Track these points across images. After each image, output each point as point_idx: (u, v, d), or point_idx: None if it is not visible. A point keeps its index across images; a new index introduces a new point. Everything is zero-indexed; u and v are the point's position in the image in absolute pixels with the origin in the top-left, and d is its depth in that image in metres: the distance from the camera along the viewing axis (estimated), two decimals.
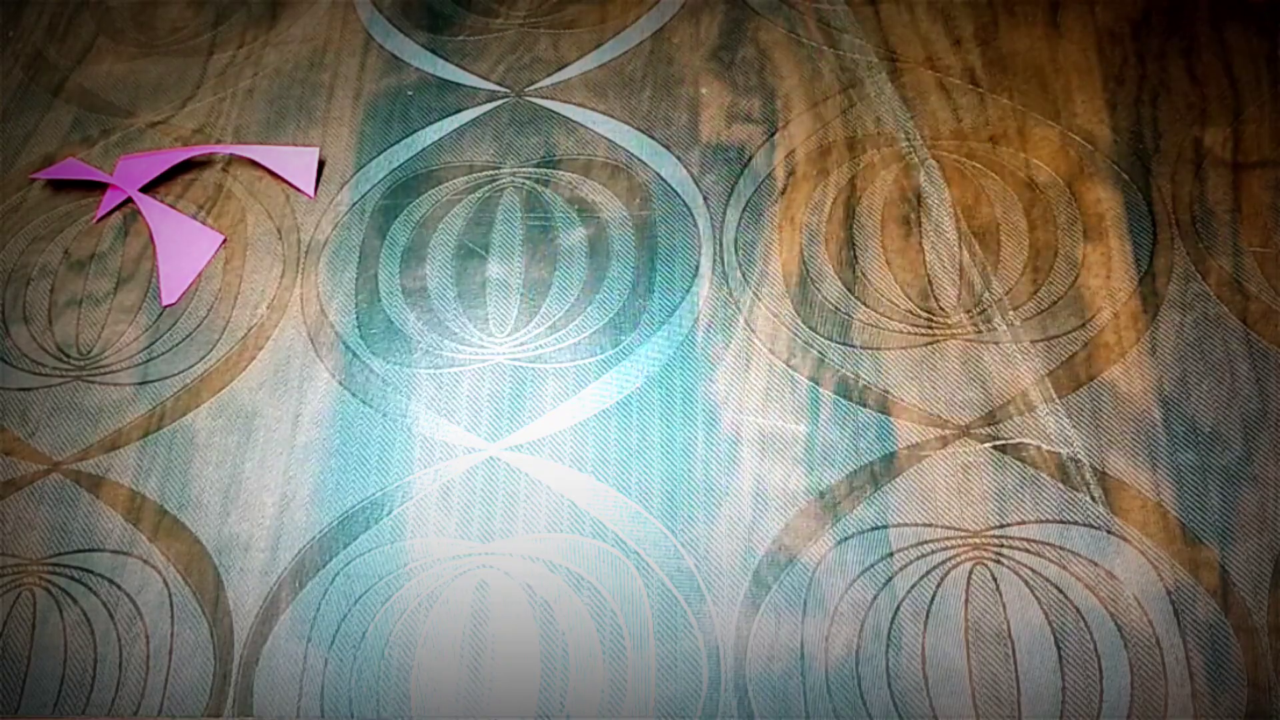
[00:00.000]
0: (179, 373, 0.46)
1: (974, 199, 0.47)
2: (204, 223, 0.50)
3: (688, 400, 0.43)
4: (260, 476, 0.43)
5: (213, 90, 0.55)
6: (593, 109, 0.51)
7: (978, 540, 0.39)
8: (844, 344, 0.44)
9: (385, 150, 0.51)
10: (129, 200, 0.51)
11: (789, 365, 0.44)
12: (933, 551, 0.39)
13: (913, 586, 0.39)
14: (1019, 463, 0.41)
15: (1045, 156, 0.48)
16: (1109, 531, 0.39)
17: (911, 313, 0.44)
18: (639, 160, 0.50)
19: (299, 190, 0.50)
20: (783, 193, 0.48)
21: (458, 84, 0.53)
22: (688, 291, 0.46)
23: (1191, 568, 0.38)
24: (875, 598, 0.39)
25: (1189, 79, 0.49)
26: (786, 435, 0.42)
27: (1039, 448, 0.41)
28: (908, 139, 0.49)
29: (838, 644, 0.38)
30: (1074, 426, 0.41)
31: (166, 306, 0.47)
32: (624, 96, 0.52)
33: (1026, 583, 0.38)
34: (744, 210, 0.48)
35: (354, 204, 0.50)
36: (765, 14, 0.54)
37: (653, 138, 0.50)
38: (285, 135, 0.52)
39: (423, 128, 0.52)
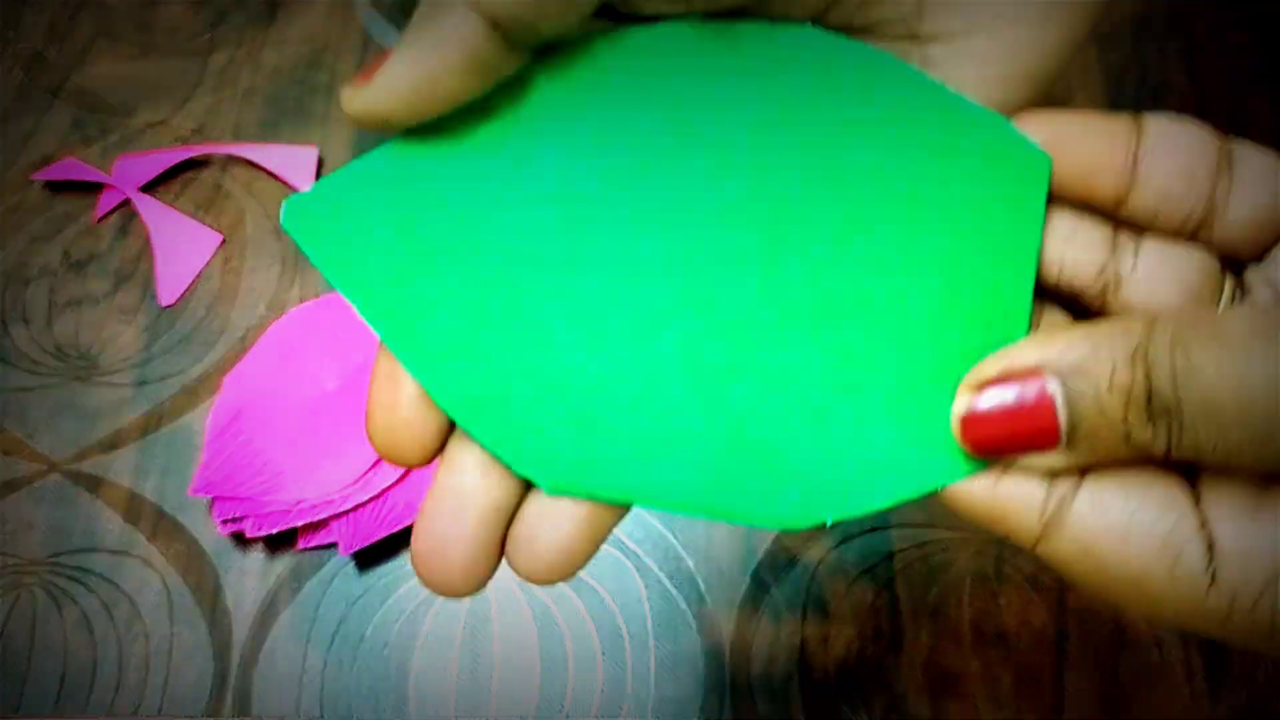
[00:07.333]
0: (178, 373, 0.46)
1: None
2: (202, 222, 0.50)
3: None
4: None
5: (212, 90, 0.54)
6: None
7: (977, 542, 0.39)
8: None
9: None
10: (128, 200, 0.51)
11: None
12: (933, 553, 0.39)
13: (913, 588, 0.39)
14: None
15: None
16: None
17: None
18: None
19: (298, 191, 0.50)
20: None
21: None
22: None
23: None
24: (875, 599, 0.39)
25: (1189, 79, 0.49)
26: None
27: None
28: None
29: (838, 644, 0.38)
30: None
31: (165, 307, 0.47)
32: None
33: (1026, 583, 0.38)
34: None
35: None
36: None
37: None
38: (284, 135, 0.52)
39: None
